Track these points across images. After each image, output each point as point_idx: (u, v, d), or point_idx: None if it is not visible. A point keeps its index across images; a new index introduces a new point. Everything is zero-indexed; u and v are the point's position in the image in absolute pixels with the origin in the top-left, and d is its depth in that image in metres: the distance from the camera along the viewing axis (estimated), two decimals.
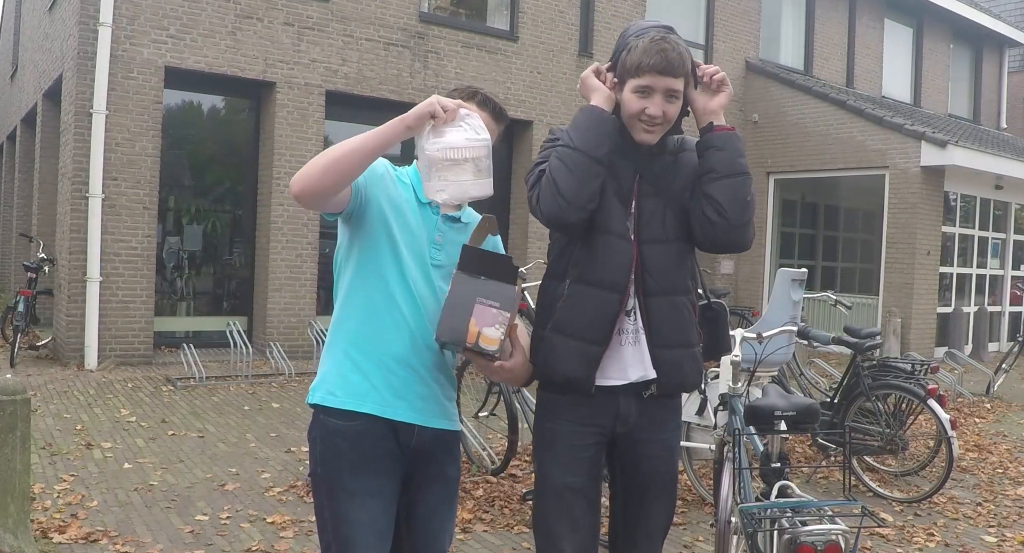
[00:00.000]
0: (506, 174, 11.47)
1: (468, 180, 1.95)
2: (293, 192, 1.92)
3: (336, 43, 9.68)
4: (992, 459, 6.27)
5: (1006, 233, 14.06)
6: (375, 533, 2.00)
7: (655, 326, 2.16)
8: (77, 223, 8.38)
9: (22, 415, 3.49)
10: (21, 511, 3.51)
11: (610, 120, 2.13)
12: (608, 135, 2.12)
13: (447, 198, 1.96)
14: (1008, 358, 9.46)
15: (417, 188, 2.12)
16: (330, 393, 2.05)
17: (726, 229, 2.13)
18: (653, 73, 2.07)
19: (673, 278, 2.19)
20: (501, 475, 5.06)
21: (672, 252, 2.19)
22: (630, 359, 2.18)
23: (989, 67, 18.49)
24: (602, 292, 2.14)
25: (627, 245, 2.14)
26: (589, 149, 2.09)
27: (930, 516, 4.80)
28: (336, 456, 2.03)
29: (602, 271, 2.14)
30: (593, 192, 2.09)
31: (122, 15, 8.41)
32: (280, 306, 9.37)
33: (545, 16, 11.27)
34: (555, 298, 2.21)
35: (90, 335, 8.33)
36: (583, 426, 2.19)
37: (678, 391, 2.27)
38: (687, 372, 2.22)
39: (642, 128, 2.13)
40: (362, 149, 1.90)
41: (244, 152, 9.82)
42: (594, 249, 2.15)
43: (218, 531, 4.07)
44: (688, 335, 2.21)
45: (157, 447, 5.54)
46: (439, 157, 1.92)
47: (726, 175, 2.12)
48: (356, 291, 2.09)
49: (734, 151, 2.13)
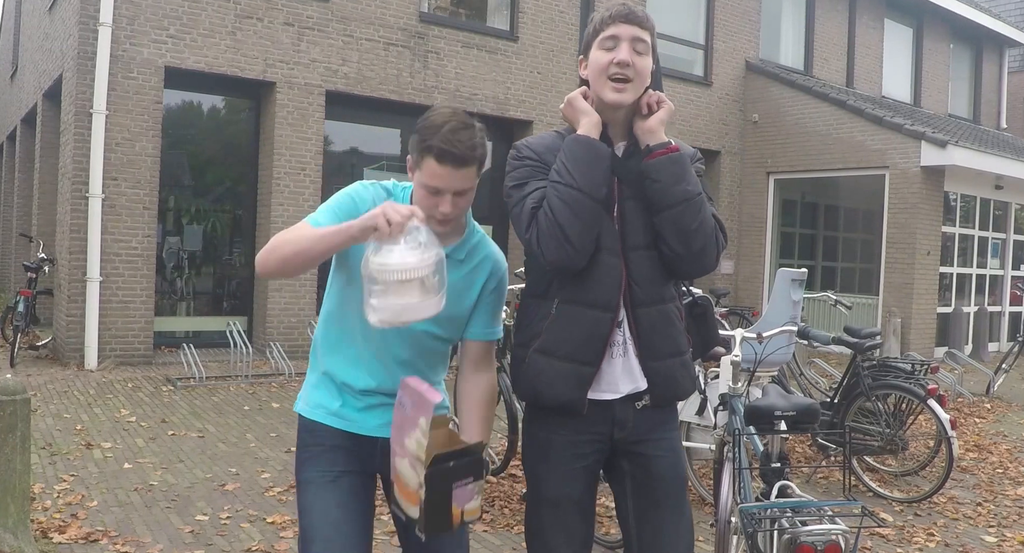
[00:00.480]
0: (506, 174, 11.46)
1: (414, 301, 1.78)
2: (257, 272, 1.98)
3: (336, 43, 9.68)
4: (992, 459, 6.27)
5: (1006, 233, 14.06)
6: (328, 521, 1.99)
7: (645, 338, 2.09)
8: (77, 223, 8.38)
9: (22, 415, 3.49)
10: (21, 511, 3.51)
11: (607, 154, 2.04)
12: (608, 171, 2.03)
13: (386, 319, 1.79)
14: (1008, 358, 9.46)
15: None
16: (305, 403, 2.16)
17: (684, 260, 2.05)
18: (617, 22, 2.04)
19: (659, 286, 2.11)
20: (501, 475, 5.06)
21: (656, 258, 2.09)
22: (620, 372, 2.11)
23: (989, 67, 18.49)
24: (594, 312, 2.06)
25: (616, 260, 2.06)
26: (593, 190, 2.00)
27: (930, 516, 4.79)
28: (301, 448, 2.13)
29: (594, 291, 2.06)
30: (595, 235, 2.02)
31: (122, 15, 8.41)
32: (280, 306, 9.37)
33: (545, 16, 11.27)
34: (538, 317, 2.12)
35: (90, 335, 8.33)
36: (579, 435, 2.12)
37: (672, 402, 2.20)
38: (680, 381, 2.16)
39: (611, 87, 2.03)
40: (310, 252, 1.89)
41: (244, 152, 9.82)
42: (585, 269, 2.05)
43: (218, 531, 4.07)
44: (678, 343, 2.15)
45: (157, 447, 5.54)
46: (382, 278, 1.76)
47: (665, 207, 2.02)
48: (332, 319, 2.12)
49: (670, 178, 2.01)
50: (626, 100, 2.04)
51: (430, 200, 1.96)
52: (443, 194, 1.96)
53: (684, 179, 2.02)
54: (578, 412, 2.08)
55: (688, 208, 2.01)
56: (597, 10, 2.10)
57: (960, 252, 13.13)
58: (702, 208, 2.03)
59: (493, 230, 11.45)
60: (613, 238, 2.07)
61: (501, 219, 11.45)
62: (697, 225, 2.02)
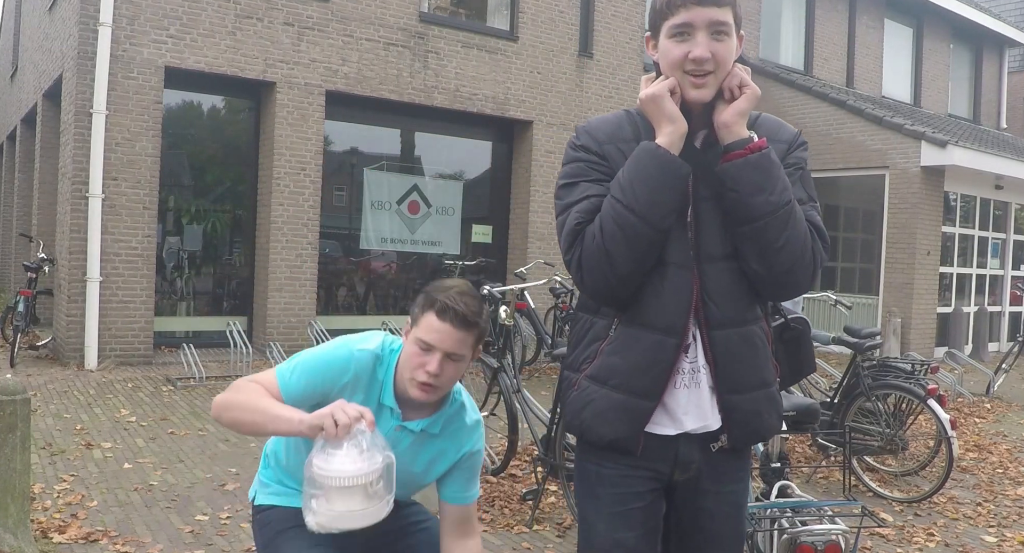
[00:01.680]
0: (506, 175, 11.47)
1: (356, 509, 1.71)
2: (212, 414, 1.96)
3: (336, 43, 9.67)
4: (992, 459, 6.27)
5: (1006, 233, 14.06)
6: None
7: (723, 366, 1.73)
8: (77, 223, 8.38)
9: (22, 415, 3.49)
10: (21, 511, 3.51)
11: (686, 176, 1.67)
12: (682, 196, 1.68)
13: (323, 523, 1.72)
14: (1008, 358, 9.46)
15: (386, 390, 1.97)
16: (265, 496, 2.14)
17: (766, 282, 1.71)
18: (689, 5, 1.64)
19: (741, 304, 1.74)
20: (501, 475, 5.05)
21: (737, 270, 1.72)
22: (685, 405, 1.76)
23: (989, 67, 18.49)
24: (656, 335, 1.72)
25: (686, 274, 1.71)
26: (657, 219, 1.65)
27: (930, 516, 4.79)
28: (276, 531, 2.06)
29: (658, 310, 1.71)
30: (651, 265, 1.70)
31: (122, 15, 8.41)
32: (280, 306, 9.37)
33: (545, 16, 11.26)
34: (592, 337, 1.80)
35: (90, 335, 8.33)
36: (634, 469, 1.78)
37: (756, 442, 1.83)
38: (764, 419, 1.78)
39: (690, 82, 1.67)
40: (263, 428, 1.86)
41: (244, 152, 9.82)
42: (648, 283, 1.72)
43: (218, 531, 4.07)
44: (764, 373, 1.78)
45: (157, 447, 5.54)
46: (323, 483, 1.70)
47: (743, 221, 1.66)
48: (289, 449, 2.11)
49: (748, 187, 1.64)
50: (708, 96, 1.69)
51: (418, 359, 1.88)
52: (434, 352, 1.87)
53: (767, 187, 1.64)
54: (630, 452, 1.77)
55: (772, 223, 1.64)
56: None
57: (960, 252, 13.13)
58: (790, 221, 1.65)
59: (493, 230, 11.46)
60: (684, 247, 1.71)
61: (501, 220, 11.46)
62: (783, 243, 1.65)
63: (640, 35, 11.94)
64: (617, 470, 1.79)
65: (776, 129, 1.80)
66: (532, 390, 5.79)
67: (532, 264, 10.09)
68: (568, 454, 4.47)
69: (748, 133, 1.69)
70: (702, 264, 1.72)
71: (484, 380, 5.39)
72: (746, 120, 1.70)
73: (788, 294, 1.75)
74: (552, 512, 4.54)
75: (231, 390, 1.89)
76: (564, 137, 11.37)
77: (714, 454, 1.79)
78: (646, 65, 12.05)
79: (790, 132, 1.81)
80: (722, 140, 1.69)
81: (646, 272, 1.70)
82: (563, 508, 4.54)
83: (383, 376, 1.97)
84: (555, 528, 4.31)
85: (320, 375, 1.93)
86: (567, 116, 11.36)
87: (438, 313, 1.88)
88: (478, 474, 2.11)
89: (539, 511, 4.44)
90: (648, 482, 1.79)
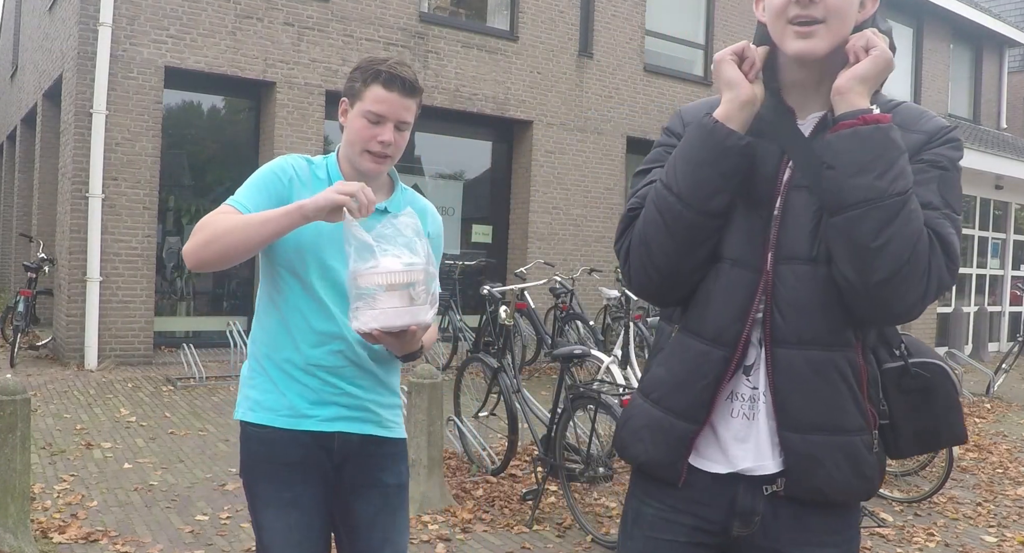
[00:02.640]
0: (506, 175, 11.47)
1: (401, 306, 1.72)
2: (188, 266, 1.88)
3: (336, 43, 9.68)
4: (992, 459, 6.27)
5: (1006, 233, 14.06)
6: (291, 543, 1.98)
7: (782, 393, 1.40)
8: (77, 223, 8.38)
9: (22, 415, 3.49)
10: (21, 511, 3.51)
11: (740, 149, 1.39)
12: (735, 172, 1.39)
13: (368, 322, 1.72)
14: (1008, 358, 9.46)
15: (335, 179, 1.99)
16: (249, 409, 2.03)
17: (858, 293, 1.34)
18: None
19: (820, 320, 1.39)
20: (501, 475, 5.05)
21: (824, 279, 1.38)
22: (740, 439, 1.45)
23: (989, 67, 18.49)
24: (703, 346, 1.45)
25: (748, 276, 1.42)
26: (697, 200, 1.39)
27: (930, 516, 4.80)
28: (253, 464, 2.03)
29: (708, 316, 1.45)
30: (703, 258, 1.44)
31: (122, 15, 8.41)
32: None
33: (545, 16, 11.26)
34: (657, 347, 1.58)
35: (90, 335, 8.33)
36: (677, 513, 1.49)
37: (816, 498, 1.42)
38: (831, 471, 1.40)
39: (794, 32, 1.38)
40: (254, 239, 1.80)
41: (244, 152, 9.82)
42: (703, 283, 1.47)
43: (218, 531, 4.07)
44: (839, 415, 1.40)
45: (157, 447, 5.54)
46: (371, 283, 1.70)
47: (836, 208, 1.33)
48: (263, 297, 2.05)
49: (849, 165, 1.31)
50: (816, 49, 1.37)
51: (369, 131, 1.93)
52: (386, 122, 1.93)
53: (873, 168, 1.30)
54: (671, 482, 1.48)
55: (871, 214, 1.30)
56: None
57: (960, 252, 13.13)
58: (898, 218, 1.29)
59: (493, 230, 11.46)
60: (755, 243, 1.42)
61: (501, 220, 11.45)
62: (882, 242, 1.29)
63: (640, 35, 11.94)
64: (657, 511, 1.51)
65: (916, 118, 1.45)
66: (532, 390, 5.79)
67: (532, 264, 10.09)
68: (568, 454, 4.47)
69: (868, 105, 1.35)
70: (778, 265, 1.40)
71: (484, 380, 5.39)
72: (868, 90, 1.35)
73: (885, 315, 1.37)
74: (552, 512, 4.54)
75: (198, 230, 1.84)
76: (564, 137, 11.38)
77: (782, 506, 1.43)
78: (646, 65, 12.05)
79: (936, 124, 1.44)
80: (836, 110, 1.37)
81: (695, 268, 1.43)
82: (563, 508, 4.54)
83: (325, 174, 2.01)
84: (555, 528, 4.31)
85: (265, 186, 1.95)
86: (567, 116, 11.36)
87: (384, 84, 1.91)
88: (439, 260, 2.12)
89: (539, 511, 4.44)
90: (693, 532, 1.48)
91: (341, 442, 2.00)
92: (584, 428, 4.49)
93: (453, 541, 4.06)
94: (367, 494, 2.05)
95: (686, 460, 1.46)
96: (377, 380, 2.04)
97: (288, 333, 1.97)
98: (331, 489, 2.04)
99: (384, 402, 2.07)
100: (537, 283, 8.35)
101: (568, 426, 4.40)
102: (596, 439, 4.27)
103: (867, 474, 1.42)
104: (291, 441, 1.98)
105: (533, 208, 11.12)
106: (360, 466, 2.05)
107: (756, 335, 1.43)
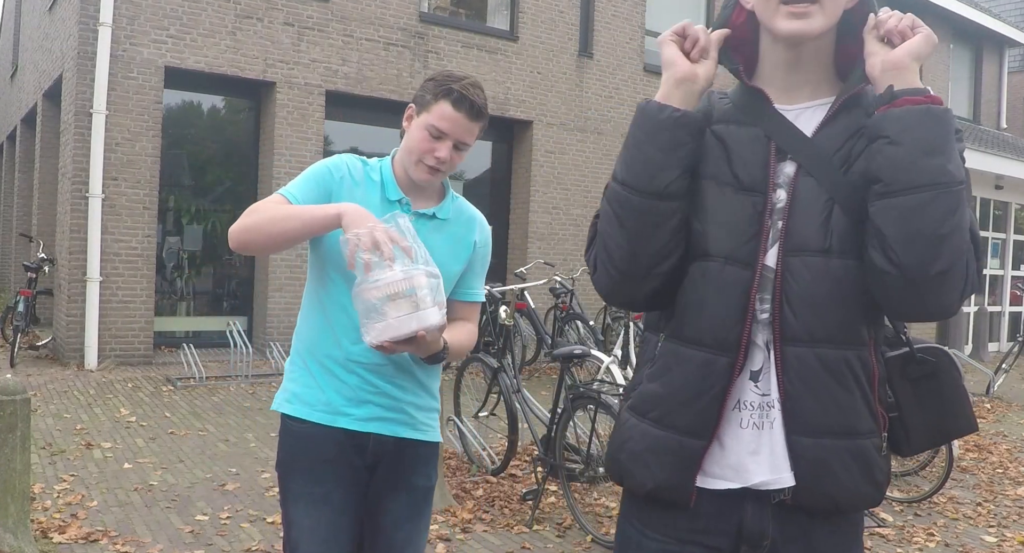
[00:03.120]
0: (506, 175, 11.48)
1: (405, 313, 1.73)
2: (231, 246, 1.93)
3: (336, 43, 9.68)
4: (992, 459, 6.27)
5: (1006, 233, 14.07)
6: (317, 540, 1.99)
7: (792, 395, 1.32)
8: (77, 223, 8.38)
9: (22, 415, 3.49)
10: (21, 511, 3.51)
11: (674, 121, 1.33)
12: (673, 145, 1.33)
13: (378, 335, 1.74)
14: (1008, 358, 9.47)
15: (387, 186, 2.03)
16: (286, 400, 2.06)
17: (900, 285, 1.25)
18: None
19: (833, 317, 1.31)
20: (501, 475, 5.06)
21: (836, 271, 1.30)
22: (752, 449, 1.35)
23: (989, 67, 18.49)
24: (703, 354, 1.35)
25: (744, 273, 1.33)
26: (643, 182, 1.33)
27: (930, 516, 4.80)
28: (288, 459, 2.05)
29: (701, 318, 1.36)
30: (662, 248, 1.35)
31: (122, 15, 8.41)
32: (280, 306, 9.37)
33: (545, 16, 11.27)
34: (644, 359, 1.47)
35: (90, 335, 8.33)
36: (682, 544, 1.39)
37: (826, 506, 1.35)
38: (841, 478, 1.32)
39: (786, 12, 1.31)
40: (296, 232, 1.86)
41: (244, 152, 9.82)
42: (693, 284, 1.37)
43: (218, 531, 4.07)
44: (851, 417, 1.32)
45: (157, 447, 5.54)
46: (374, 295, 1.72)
47: (900, 188, 1.23)
48: (310, 293, 2.09)
49: (920, 143, 1.22)
50: (811, 29, 1.31)
51: (428, 144, 1.95)
52: (445, 140, 1.95)
53: (944, 151, 1.22)
54: (681, 505, 1.38)
55: (943, 200, 1.21)
56: None
57: None
58: (960, 208, 1.23)
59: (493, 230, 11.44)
60: (749, 235, 1.34)
61: (501, 220, 11.45)
62: (948, 231, 1.21)
63: (640, 35, 11.94)
64: (662, 545, 1.40)
65: None
66: (532, 390, 5.79)
67: (532, 264, 10.09)
68: (568, 454, 4.48)
69: (924, 86, 1.27)
70: (787, 257, 1.32)
71: (484, 380, 5.39)
72: (919, 69, 1.28)
73: (928, 309, 1.28)
74: (552, 512, 4.54)
75: (247, 214, 1.90)
76: (564, 137, 11.38)
77: (797, 521, 1.35)
78: (646, 65, 12.05)
79: None
80: (889, 85, 1.27)
81: (654, 260, 1.35)
82: (563, 508, 4.54)
83: (379, 176, 2.03)
84: (555, 528, 4.31)
85: (317, 180, 1.99)
86: (567, 116, 11.36)
87: (454, 103, 1.92)
88: (485, 270, 2.20)
89: (539, 511, 4.44)
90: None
91: (376, 444, 2.02)
92: (584, 428, 4.49)
93: (453, 541, 4.06)
94: (396, 495, 2.08)
95: (695, 480, 1.36)
96: (417, 382, 2.07)
97: (331, 329, 2.00)
98: (363, 489, 2.05)
99: (421, 404, 2.09)
100: (537, 283, 8.36)
101: (568, 426, 4.40)
102: (596, 439, 4.27)
103: (877, 479, 1.36)
104: (326, 437, 1.99)
105: (533, 208, 11.12)
106: (392, 467, 2.07)
107: (762, 337, 1.34)
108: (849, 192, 1.30)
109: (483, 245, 2.18)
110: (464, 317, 2.14)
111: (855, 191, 1.30)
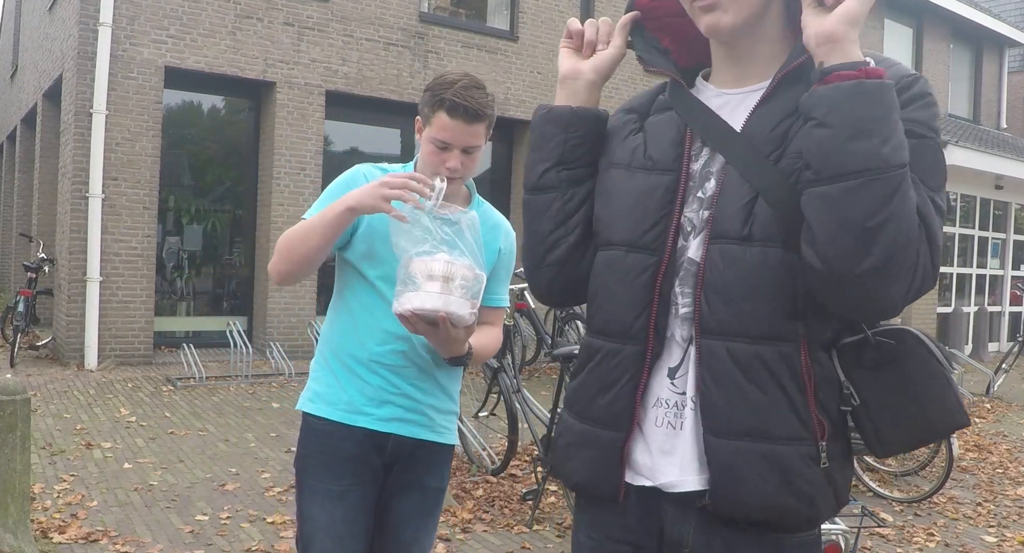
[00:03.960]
0: (506, 175, 11.48)
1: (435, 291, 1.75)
2: (277, 283, 2.02)
3: (336, 43, 9.68)
4: (992, 459, 6.27)
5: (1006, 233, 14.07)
6: (332, 536, 2.01)
7: (708, 393, 1.22)
8: (77, 223, 8.38)
9: (22, 415, 3.49)
10: (21, 511, 3.51)
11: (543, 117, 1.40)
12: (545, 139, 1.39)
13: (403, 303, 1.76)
14: (1008, 358, 9.47)
15: None
16: (309, 400, 2.10)
17: (831, 282, 1.13)
18: None
19: (744, 308, 1.20)
20: (501, 475, 5.06)
21: (756, 258, 1.19)
22: (666, 449, 1.27)
23: (989, 67, 18.49)
24: (612, 344, 1.31)
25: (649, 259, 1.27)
26: (527, 181, 1.42)
27: (930, 516, 4.80)
28: (307, 454, 2.08)
29: (610, 311, 1.32)
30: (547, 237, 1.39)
31: (122, 15, 8.41)
32: (280, 306, 9.37)
33: (545, 16, 11.27)
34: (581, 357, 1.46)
35: (90, 335, 8.33)
36: (614, 542, 1.34)
37: (739, 516, 1.22)
38: (751, 485, 1.20)
39: (698, 8, 1.24)
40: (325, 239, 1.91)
41: (244, 152, 9.82)
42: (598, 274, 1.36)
43: (218, 531, 4.07)
44: (766, 418, 1.20)
45: (157, 447, 5.54)
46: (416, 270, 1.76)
47: (824, 178, 1.11)
48: (337, 298, 2.13)
49: (850, 125, 1.09)
50: (722, 23, 1.23)
51: (438, 156, 1.97)
52: (451, 149, 1.96)
53: (879, 132, 1.09)
54: (609, 500, 1.32)
55: (873, 186, 1.08)
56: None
57: (960, 252, 13.13)
58: (898, 194, 1.09)
59: None
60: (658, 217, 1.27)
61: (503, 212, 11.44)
62: (880, 221, 1.08)
63: None
64: (596, 543, 1.36)
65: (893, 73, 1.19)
66: (532, 390, 5.79)
67: None
68: None
69: (860, 56, 1.12)
70: (709, 246, 1.23)
71: (484, 380, 5.39)
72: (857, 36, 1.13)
73: (864, 309, 1.17)
74: (552, 512, 4.54)
75: (277, 250, 1.98)
76: None
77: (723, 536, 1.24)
78: None
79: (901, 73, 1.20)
80: (820, 58, 1.13)
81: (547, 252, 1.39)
82: (563, 508, 4.54)
83: None
84: (555, 528, 4.31)
85: (335, 196, 1.99)
86: None
87: (449, 112, 1.93)
88: (510, 276, 2.24)
89: (539, 511, 4.44)
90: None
91: (395, 444, 2.05)
92: None
93: (453, 541, 4.06)
94: (408, 494, 2.10)
95: (622, 473, 1.30)
96: (438, 385, 2.09)
97: (356, 330, 2.03)
98: (380, 489, 2.07)
99: (441, 407, 2.12)
100: None
101: None
102: None
103: (803, 491, 1.19)
104: (346, 436, 2.02)
105: None
106: (407, 467, 2.09)
107: (682, 332, 1.25)
108: (774, 180, 1.19)
109: (508, 252, 2.21)
110: (488, 321, 2.17)
111: (781, 178, 1.18)
